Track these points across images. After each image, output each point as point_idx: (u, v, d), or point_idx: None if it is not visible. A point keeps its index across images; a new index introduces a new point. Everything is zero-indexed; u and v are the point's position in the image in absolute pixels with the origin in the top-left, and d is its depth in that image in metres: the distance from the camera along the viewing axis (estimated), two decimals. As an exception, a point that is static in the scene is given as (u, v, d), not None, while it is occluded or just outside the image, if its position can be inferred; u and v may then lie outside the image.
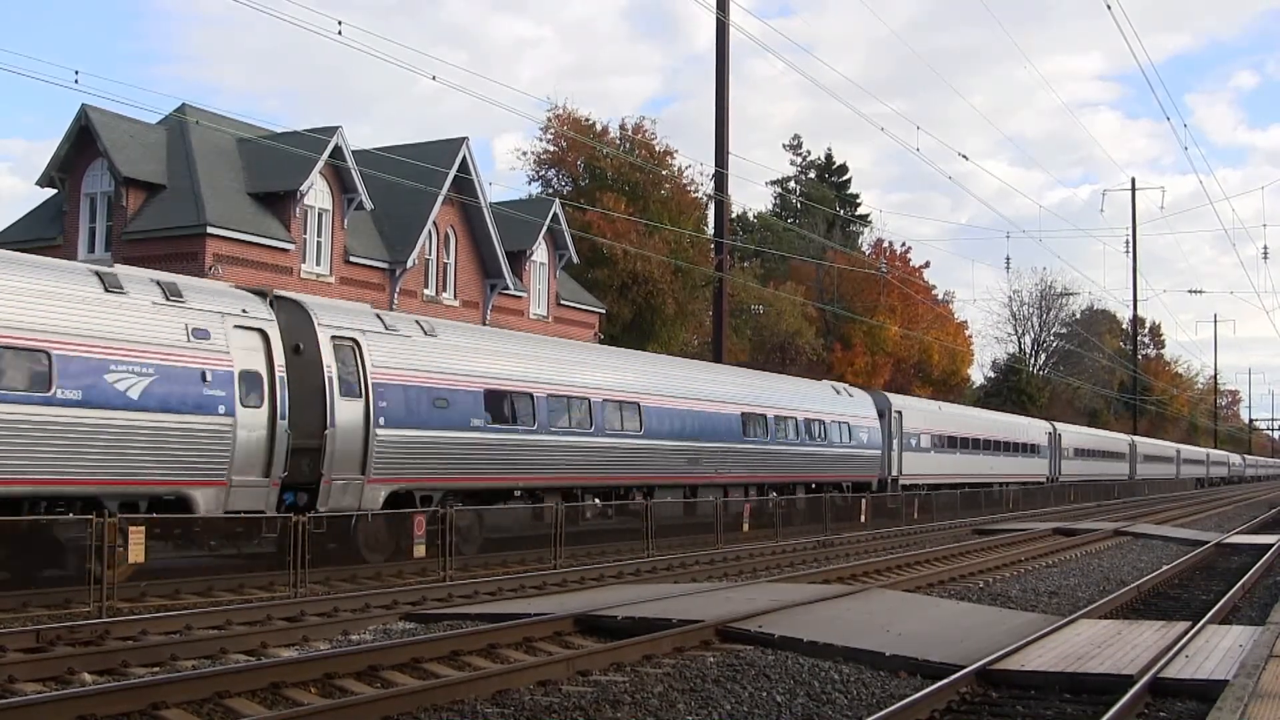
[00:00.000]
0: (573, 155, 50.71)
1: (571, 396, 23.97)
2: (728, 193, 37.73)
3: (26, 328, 14.90)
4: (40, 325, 15.05)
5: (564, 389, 23.79)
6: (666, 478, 26.75)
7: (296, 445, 17.99)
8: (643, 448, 25.78)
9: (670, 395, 27.18)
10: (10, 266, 15.48)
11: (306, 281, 30.89)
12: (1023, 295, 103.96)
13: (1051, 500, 51.96)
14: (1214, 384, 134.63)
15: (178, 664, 11.14)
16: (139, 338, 16.11)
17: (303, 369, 18.43)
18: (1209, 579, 21.37)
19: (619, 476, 25.24)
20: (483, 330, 28.54)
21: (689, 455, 27.36)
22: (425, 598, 15.90)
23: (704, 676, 10.69)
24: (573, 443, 23.78)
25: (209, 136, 31.22)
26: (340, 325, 19.37)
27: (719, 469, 28.53)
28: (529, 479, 22.69)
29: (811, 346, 61.74)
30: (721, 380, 30.67)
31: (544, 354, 24.22)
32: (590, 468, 24.26)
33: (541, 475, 22.98)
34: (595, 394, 24.57)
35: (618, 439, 25.11)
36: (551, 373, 23.60)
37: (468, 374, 21.43)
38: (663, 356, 34.50)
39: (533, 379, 22.96)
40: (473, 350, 22.17)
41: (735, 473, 29.38)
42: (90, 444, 15.40)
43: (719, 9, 36.22)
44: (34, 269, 15.85)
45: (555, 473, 23.32)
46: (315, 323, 18.87)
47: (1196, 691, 9.79)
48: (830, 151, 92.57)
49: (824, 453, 34.30)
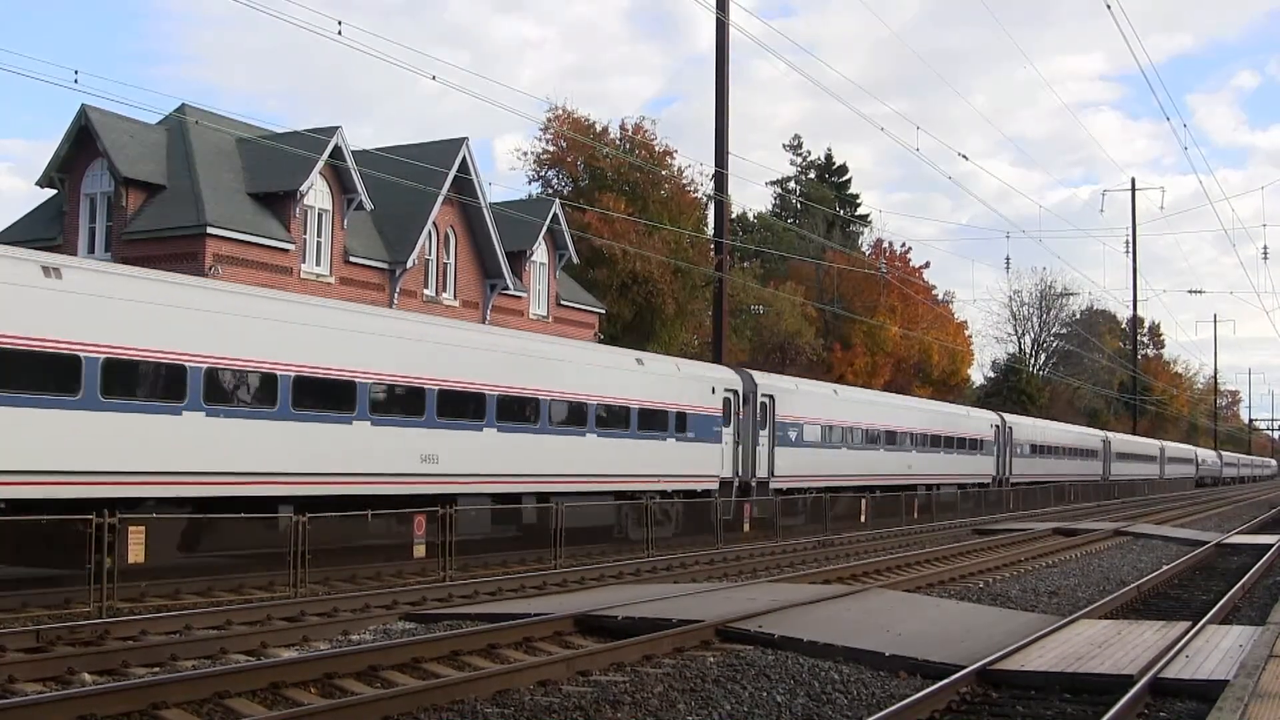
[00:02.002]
0: (572, 155, 50.72)
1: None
2: (728, 193, 37.74)
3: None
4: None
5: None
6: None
7: None
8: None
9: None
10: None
11: (306, 281, 30.90)
12: (1023, 295, 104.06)
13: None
14: (1214, 384, 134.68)
15: (178, 664, 11.15)
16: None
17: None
18: (1209, 579, 21.37)
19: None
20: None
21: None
22: (425, 598, 15.91)
23: (704, 676, 10.69)
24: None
25: (209, 136, 31.21)
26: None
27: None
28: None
29: (811, 346, 61.74)
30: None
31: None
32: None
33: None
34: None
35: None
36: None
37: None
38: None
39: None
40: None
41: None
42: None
43: (719, 9, 36.22)
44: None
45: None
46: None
47: (1196, 691, 9.79)
48: (830, 152, 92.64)
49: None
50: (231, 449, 17.22)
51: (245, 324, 17.65)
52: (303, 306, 19.89)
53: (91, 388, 15.43)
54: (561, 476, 23.54)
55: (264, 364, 17.78)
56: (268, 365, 17.83)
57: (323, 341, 18.89)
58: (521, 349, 23.64)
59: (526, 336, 26.55)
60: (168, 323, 16.52)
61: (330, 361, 18.92)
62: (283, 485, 17.93)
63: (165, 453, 16.39)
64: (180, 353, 16.63)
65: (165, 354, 16.49)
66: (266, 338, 17.90)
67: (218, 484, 17.08)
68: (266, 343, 17.88)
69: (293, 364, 18.19)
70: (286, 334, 18.28)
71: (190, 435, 16.70)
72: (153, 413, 16.31)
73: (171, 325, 16.55)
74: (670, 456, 26.92)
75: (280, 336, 18.15)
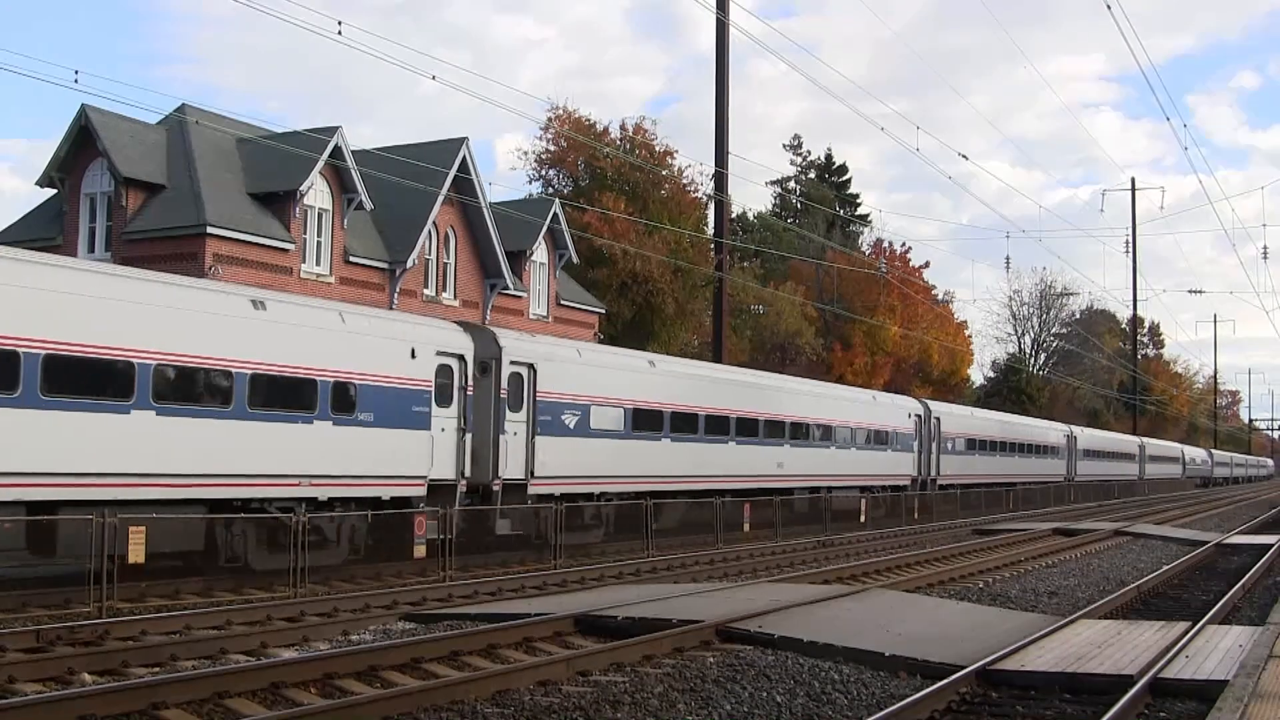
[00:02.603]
0: (573, 155, 50.72)
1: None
2: (728, 193, 37.73)
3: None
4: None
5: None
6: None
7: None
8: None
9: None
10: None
11: (306, 281, 30.90)
12: (1023, 295, 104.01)
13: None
14: (1214, 384, 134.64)
15: (178, 664, 11.15)
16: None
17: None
18: (1209, 579, 21.37)
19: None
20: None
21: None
22: (425, 598, 15.91)
23: (704, 676, 10.68)
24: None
25: (209, 136, 31.21)
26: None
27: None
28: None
29: (811, 346, 61.72)
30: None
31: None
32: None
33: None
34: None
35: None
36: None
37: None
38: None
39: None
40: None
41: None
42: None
43: (719, 9, 36.23)
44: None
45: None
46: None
47: (1196, 691, 9.80)
48: (830, 151, 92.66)
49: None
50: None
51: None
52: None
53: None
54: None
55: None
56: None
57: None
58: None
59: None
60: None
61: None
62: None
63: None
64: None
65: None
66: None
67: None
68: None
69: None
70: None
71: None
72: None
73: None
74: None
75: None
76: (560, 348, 25.07)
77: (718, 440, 28.87)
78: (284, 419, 17.92)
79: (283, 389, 17.94)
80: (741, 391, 30.54)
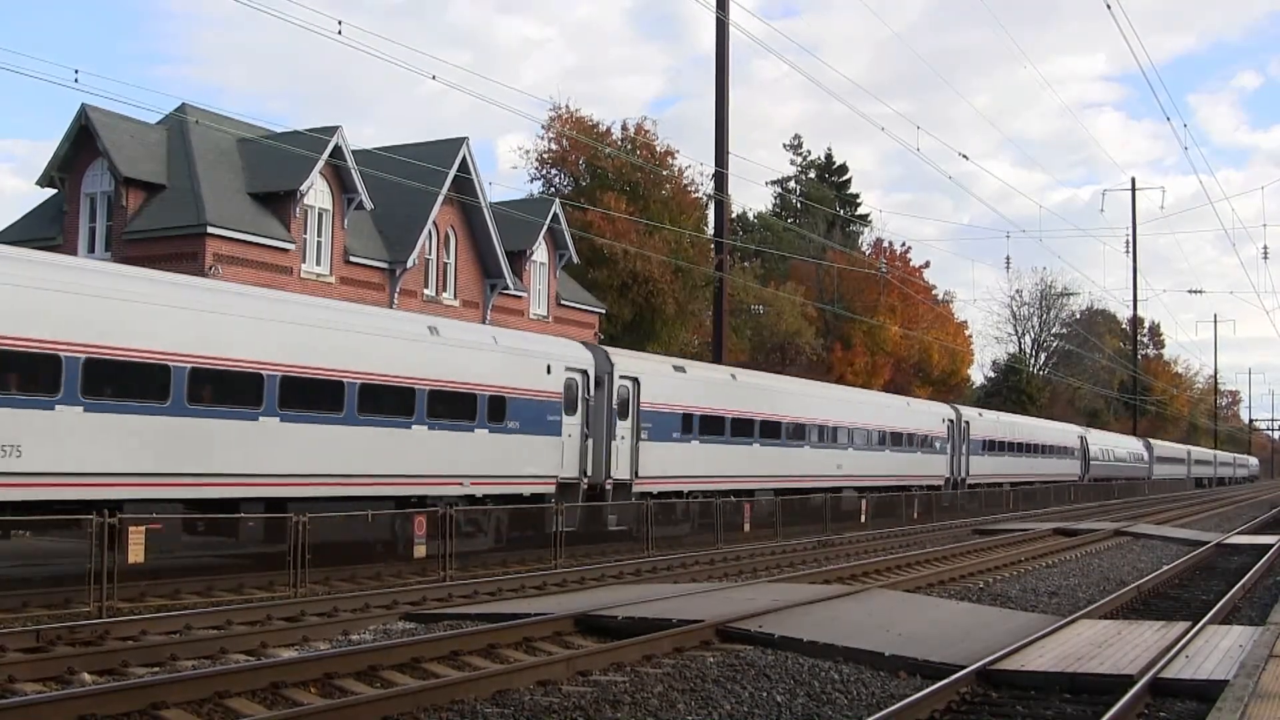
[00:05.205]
0: (574, 155, 50.72)
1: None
2: (728, 193, 37.72)
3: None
4: None
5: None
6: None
7: None
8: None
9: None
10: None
11: (306, 281, 30.90)
12: (1023, 295, 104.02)
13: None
14: (1214, 384, 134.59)
15: (178, 664, 11.14)
16: None
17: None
18: (1209, 579, 21.37)
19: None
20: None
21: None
22: (425, 598, 15.90)
23: (704, 676, 10.68)
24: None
25: (209, 136, 31.21)
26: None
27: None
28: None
29: (811, 346, 61.70)
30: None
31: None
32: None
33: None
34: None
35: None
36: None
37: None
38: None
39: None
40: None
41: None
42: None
43: (719, 8, 36.22)
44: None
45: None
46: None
47: (1196, 691, 9.80)
48: (830, 151, 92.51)
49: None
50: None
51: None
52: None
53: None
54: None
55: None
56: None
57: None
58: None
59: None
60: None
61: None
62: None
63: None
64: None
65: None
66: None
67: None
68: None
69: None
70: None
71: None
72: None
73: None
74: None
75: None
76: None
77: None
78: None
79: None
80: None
